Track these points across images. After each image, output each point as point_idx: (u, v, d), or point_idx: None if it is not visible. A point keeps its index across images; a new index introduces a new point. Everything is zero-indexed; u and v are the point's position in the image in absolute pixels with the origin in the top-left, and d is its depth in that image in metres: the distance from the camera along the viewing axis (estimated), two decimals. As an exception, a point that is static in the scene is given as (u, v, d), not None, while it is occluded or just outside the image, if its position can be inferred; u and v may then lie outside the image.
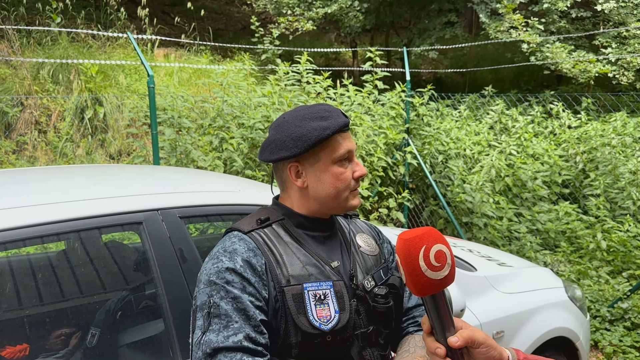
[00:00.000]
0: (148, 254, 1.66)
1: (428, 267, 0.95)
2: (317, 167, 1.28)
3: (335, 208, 1.32)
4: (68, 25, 8.38)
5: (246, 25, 12.44)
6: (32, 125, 6.69)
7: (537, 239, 5.34)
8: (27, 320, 1.71)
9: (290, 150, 1.25)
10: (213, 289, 1.17)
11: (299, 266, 1.24)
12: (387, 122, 5.75)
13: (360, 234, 1.44)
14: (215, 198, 1.90)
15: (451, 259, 0.98)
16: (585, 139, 6.70)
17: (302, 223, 1.32)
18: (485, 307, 2.46)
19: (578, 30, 10.81)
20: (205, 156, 4.56)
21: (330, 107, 1.30)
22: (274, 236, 1.29)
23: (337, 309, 1.23)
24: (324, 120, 1.26)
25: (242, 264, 1.20)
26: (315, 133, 1.24)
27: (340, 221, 1.45)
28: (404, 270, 0.98)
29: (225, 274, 1.18)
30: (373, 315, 1.29)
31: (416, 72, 11.59)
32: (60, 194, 1.77)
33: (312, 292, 1.22)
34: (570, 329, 2.78)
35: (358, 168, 1.31)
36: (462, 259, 2.82)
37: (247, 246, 1.24)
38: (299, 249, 1.28)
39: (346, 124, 1.27)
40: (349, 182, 1.30)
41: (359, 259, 1.35)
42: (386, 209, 5.43)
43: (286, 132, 1.27)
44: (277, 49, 8.20)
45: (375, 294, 1.28)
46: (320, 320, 1.20)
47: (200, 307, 1.17)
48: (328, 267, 1.27)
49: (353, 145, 1.31)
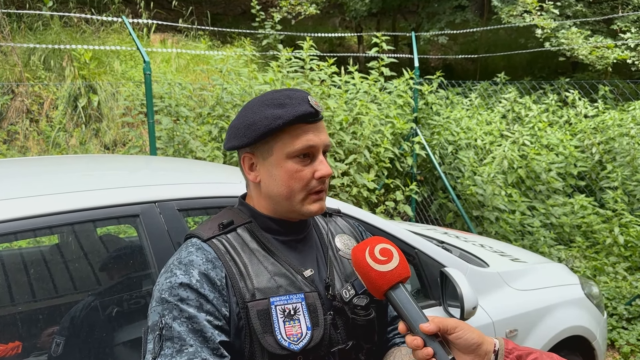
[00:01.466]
0: (145, 248, 1.65)
1: (374, 261, 1.07)
2: (270, 161, 1.18)
3: (289, 211, 1.21)
4: (60, 9, 8.36)
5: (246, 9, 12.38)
6: (23, 114, 6.69)
7: (551, 233, 5.32)
8: (19, 317, 1.70)
9: (240, 139, 1.18)
10: (165, 308, 1.07)
11: (266, 277, 1.15)
12: (394, 111, 5.71)
13: (339, 235, 1.34)
14: (216, 190, 1.89)
15: (399, 254, 1.09)
16: (603, 128, 6.65)
17: (269, 226, 1.23)
18: (497, 305, 2.45)
19: (595, 14, 10.71)
20: (204, 146, 4.55)
21: (296, 94, 1.18)
22: (238, 243, 1.19)
23: (310, 325, 1.14)
24: (280, 107, 1.15)
25: (199, 278, 1.10)
26: (265, 122, 1.14)
27: (318, 221, 1.35)
28: (360, 276, 1.10)
29: (179, 290, 1.08)
30: (352, 329, 1.19)
31: (425, 58, 11.54)
32: (53, 185, 1.76)
33: (281, 307, 1.13)
34: (586, 327, 2.76)
35: (321, 167, 1.18)
36: (474, 254, 2.80)
37: (205, 257, 1.14)
38: (266, 257, 1.18)
39: (308, 114, 1.14)
40: (307, 182, 1.17)
41: (336, 265, 1.26)
42: (393, 202, 5.42)
43: (242, 119, 1.19)
44: (279, 34, 8.15)
45: (355, 305, 1.18)
46: (290, 339, 1.11)
47: (151, 329, 1.08)
48: (300, 277, 1.18)
49: (320, 139, 1.18)
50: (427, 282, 2.22)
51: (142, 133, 5.93)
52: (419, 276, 2.24)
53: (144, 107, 4.81)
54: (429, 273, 2.23)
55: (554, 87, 8.66)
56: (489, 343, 1.04)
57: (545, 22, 8.90)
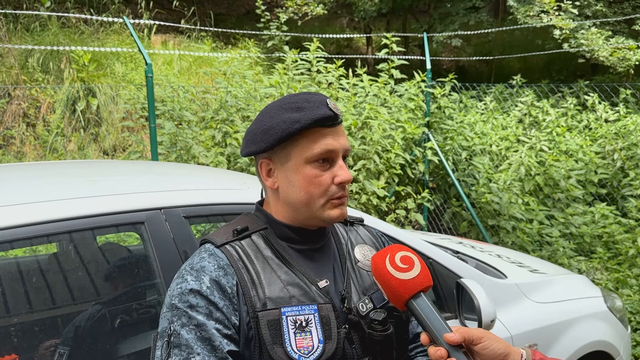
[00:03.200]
0: (150, 256, 1.66)
1: (395, 269, 1.07)
2: (288, 167, 1.19)
3: (309, 217, 1.21)
4: (58, 9, 8.44)
5: (250, 9, 12.45)
6: (19, 117, 6.74)
7: (571, 243, 5.30)
8: (15, 329, 1.71)
9: (257, 145, 1.19)
10: (174, 314, 1.10)
11: (279, 286, 1.15)
12: (406, 115, 5.72)
13: (360, 246, 1.34)
14: (222, 196, 1.90)
15: (420, 262, 1.10)
16: (624, 133, 6.62)
17: (285, 234, 1.23)
18: (516, 318, 2.44)
19: (616, 14, 10.69)
20: (208, 152, 4.57)
21: (314, 97, 1.19)
22: (252, 250, 1.20)
23: (322, 337, 1.14)
24: (298, 111, 1.16)
25: (210, 285, 1.12)
26: (283, 126, 1.15)
27: (338, 230, 1.36)
28: (381, 286, 1.10)
29: (189, 297, 1.10)
30: (369, 345, 1.18)
31: (437, 60, 11.55)
32: (52, 191, 1.77)
33: (292, 317, 1.13)
34: (609, 342, 2.75)
35: (341, 172, 1.19)
36: (491, 265, 2.80)
37: (217, 263, 1.16)
38: (280, 266, 1.19)
39: (327, 117, 1.16)
40: (326, 187, 1.18)
41: (354, 277, 1.26)
42: (404, 210, 5.41)
43: (259, 124, 1.20)
44: (285, 35, 8.20)
45: (372, 319, 1.18)
46: (300, 351, 1.11)
47: (160, 335, 1.11)
48: (314, 288, 1.18)
49: (339, 144, 1.19)
50: (443, 293, 2.22)
51: (143, 138, 5.96)
52: (434, 287, 2.24)
53: (145, 110, 4.84)
54: (445, 284, 2.22)
55: (573, 90, 8.64)
56: (515, 353, 1.04)
57: (564, 22, 8.90)
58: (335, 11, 12.85)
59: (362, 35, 12.51)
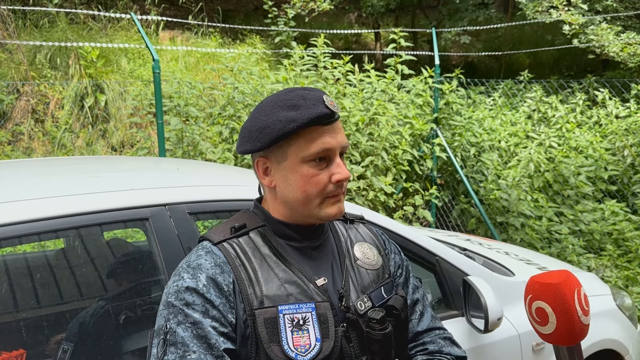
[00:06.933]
0: (154, 253, 1.66)
1: (582, 312, 0.96)
2: (285, 166, 1.17)
3: (306, 216, 1.21)
4: (66, 6, 8.47)
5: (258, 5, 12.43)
6: (28, 114, 6.78)
7: (580, 241, 5.26)
8: (23, 324, 1.72)
9: (253, 144, 1.18)
10: (170, 312, 1.10)
11: (276, 284, 1.15)
12: (413, 111, 5.70)
13: (359, 244, 1.33)
14: (228, 192, 1.89)
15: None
16: (635, 130, 6.57)
17: (283, 232, 1.23)
18: (524, 316, 2.42)
19: (627, 9, 10.58)
20: (215, 148, 4.57)
21: (310, 94, 1.16)
22: (249, 247, 1.20)
23: (319, 336, 1.13)
24: (294, 109, 1.14)
25: (206, 283, 1.11)
26: (278, 126, 1.13)
27: (338, 227, 1.35)
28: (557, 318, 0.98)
29: (185, 295, 1.10)
30: (367, 343, 1.17)
31: (446, 55, 11.50)
32: (59, 187, 1.78)
33: (289, 315, 1.13)
34: (618, 341, 2.72)
35: (338, 170, 1.17)
36: (498, 263, 2.78)
37: (214, 260, 1.15)
38: (278, 264, 1.18)
39: (323, 116, 1.14)
40: (324, 186, 1.17)
41: (353, 275, 1.25)
42: (412, 206, 5.40)
43: (254, 121, 1.19)
44: (292, 31, 8.18)
45: (370, 318, 1.18)
46: (297, 350, 1.11)
47: (156, 333, 1.11)
48: (312, 286, 1.17)
49: (337, 141, 1.17)
50: (449, 291, 2.21)
51: (150, 134, 5.98)
52: (440, 285, 2.22)
53: (152, 107, 4.85)
54: (451, 282, 2.21)
55: (583, 86, 8.57)
56: None
57: (573, 17, 8.82)
58: (343, 7, 12.81)
59: (370, 31, 12.48)
